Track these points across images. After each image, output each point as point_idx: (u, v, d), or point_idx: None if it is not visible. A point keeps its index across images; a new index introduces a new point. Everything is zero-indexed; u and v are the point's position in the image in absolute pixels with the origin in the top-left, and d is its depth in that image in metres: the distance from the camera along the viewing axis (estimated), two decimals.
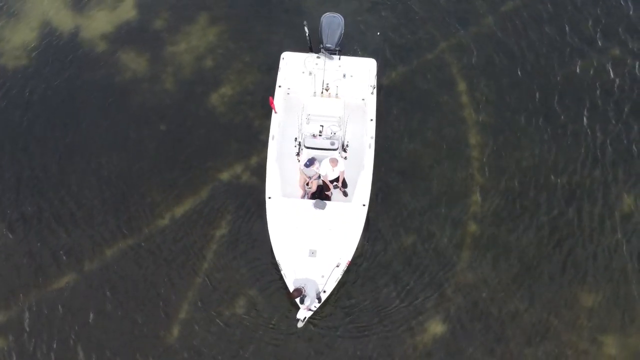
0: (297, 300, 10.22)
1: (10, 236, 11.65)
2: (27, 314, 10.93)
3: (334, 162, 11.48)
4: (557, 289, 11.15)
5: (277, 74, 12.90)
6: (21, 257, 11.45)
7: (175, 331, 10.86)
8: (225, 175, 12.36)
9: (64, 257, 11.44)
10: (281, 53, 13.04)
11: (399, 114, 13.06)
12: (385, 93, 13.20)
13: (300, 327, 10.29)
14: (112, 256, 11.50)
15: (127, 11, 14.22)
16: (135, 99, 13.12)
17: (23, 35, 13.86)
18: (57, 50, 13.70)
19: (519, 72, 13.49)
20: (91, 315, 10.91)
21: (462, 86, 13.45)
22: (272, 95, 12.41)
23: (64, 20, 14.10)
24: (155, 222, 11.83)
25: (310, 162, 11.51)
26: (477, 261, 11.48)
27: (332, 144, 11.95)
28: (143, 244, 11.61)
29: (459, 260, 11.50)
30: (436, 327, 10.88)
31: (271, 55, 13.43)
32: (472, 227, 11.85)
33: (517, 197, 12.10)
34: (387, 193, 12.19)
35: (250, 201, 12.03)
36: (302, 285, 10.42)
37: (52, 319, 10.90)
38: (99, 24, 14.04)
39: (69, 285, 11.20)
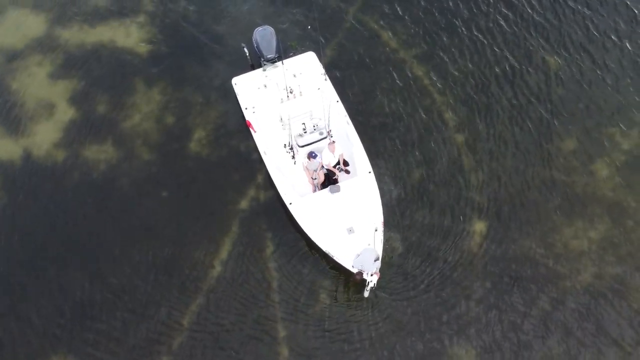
0: (360, 277, 11.32)
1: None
2: None
3: (332, 147, 12.69)
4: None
5: (237, 99, 13.82)
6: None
7: (284, 350, 11.75)
8: (244, 204, 13.16)
9: (154, 345, 11.81)
10: (228, 80, 13.96)
11: (352, 81, 14.49)
12: (332, 70, 14.51)
13: (367, 296, 11.57)
14: (190, 322, 11.96)
15: (65, 112, 14.28)
16: (123, 183, 13.41)
17: None
18: (18, 178, 13.53)
19: None
20: None
21: (385, 36, 15.13)
22: (244, 118, 13.37)
23: (8, 148, 13.90)
24: (210, 275, 12.40)
25: (313, 155, 12.69)
26: (478, 162, 13.39)
27: (321, 133, 13.12)
28: (211, 296, 12.18)
29: (463, 169, 13.37)
30: (478, 226, 12.72)
31: (221, 86, 14.31)
32: (459, 138, 13.72)
33: (473, 98, 14.15)
34: (380, 145, 13.68)
35: (279, 212, 12.95)
36: (360, 265, 11.42)
37: None
38: (44, 136, 14.00)
39: None
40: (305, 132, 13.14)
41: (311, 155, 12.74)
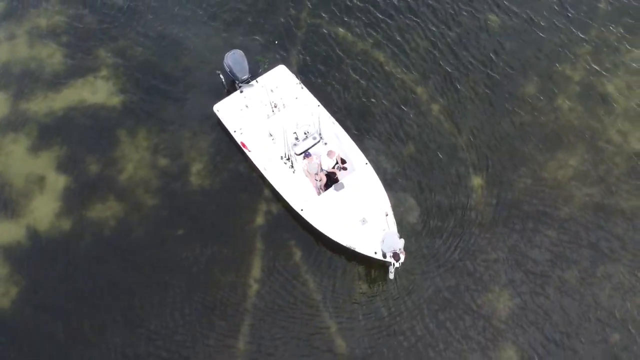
0: (397, 258, 12.08)
1: None
2: None
3: (331, 154, 13.43)
4: None
5: (222, 125, 14.28)
6: None
7: (340, 342, 12.39)
8: (259, 220, 13.66)
9: None
10: (208, 110, 14.41)
11: (324, 81, 15.26)
12: (304, 75, 15.22)
13: (393, 278, 12.48)
14: (246, 342, 12.38)
15: (56, 181, 14.13)
16: (138, 233, 13.53)
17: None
18: (31, 258, 13.32)
19: None
20: None
21: (341, 31, 16.00)
22: (234, 141, 13.94)
23: (11, 232, 13.61)
24: (249, 294, 12.82)
25: (308, 155, 13.39)
26: (457, 124, 14.55)
27: (314, 138, 13.78)
28: (257, 313, 12.60)
29: (446, 134, 14.51)
30: (476, 180, 13.88)
31: (202, 116, 14.71)
32: (435, 107, 14.84)
33: (436, 70, 15.34)
34: (367, 133, 14.58)
35: (293, 219, 13.54)
36: (390, 249, 12.18)
37: None
38: (43, 210, 13.83)
39: None
40: (298, 141, 13.76)
41: (306, 155, 13.42)
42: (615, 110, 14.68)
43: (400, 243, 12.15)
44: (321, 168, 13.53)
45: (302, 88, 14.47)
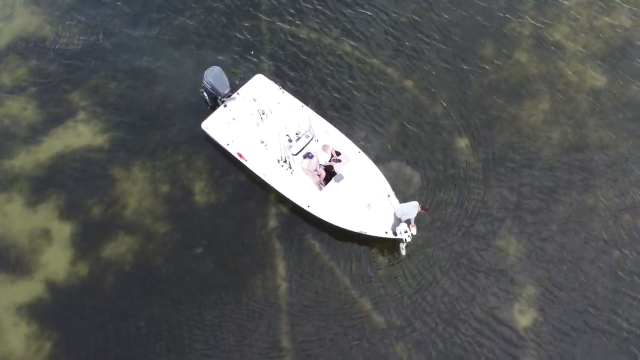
0: (424, 209, 12.97)
1: None
2: None
3: (326, 148, 14.03)
4: None
5: (213, 141, 14.64)
6: None
7: (377, 317, 13.09)
8: (272, 223, 14.12)
9: None
10: (195, 129, 14.78)
11: (300, 81, 15.87)
12: (280, 80, 15.77)
13: (404, 254, 13.39)
14: (290, 339, 12.80)
15: (62, 230, 14.01)
16: (157, 262, 13.67)
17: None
18: (56, 311, 13.19)
19: None
20: None
21: (304, 32, 16.67)
22: (229, 154, 14.41)
23: (29, 290, 13.40)
24: (281, 293, 13.25)
25: (310, 156, 13.99)
26: (431, 94, 15.55)
27: (307, 136, 14.33)
28: (293, 309, 13.08)
29: (425, 105, 15.46)
30: (462, 143, 14.88)
31: (191, 136, 15.07)
32: (408, 83, 15.78)
33: (400, 51, 16.29)
34: (351, 121, 15.33)
35: (304, 215, 14.06)
36: (408, 214, 12.98)
37: None
38: (56, 261, 13.66)
39: None
40: (292, 142, 14.26)
41: (308, 156, 14.03)
42: (566, 54, 16.08)
43: (416, 207, 12.90)
44: (319, 164, 14.13)
45: (283, 92, 15.00)
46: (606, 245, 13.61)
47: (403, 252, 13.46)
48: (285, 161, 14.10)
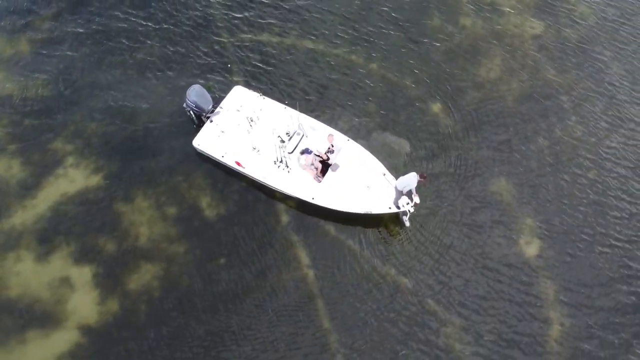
0: (423, 179, 13.82)
1: None
2: None
3: (330, 139, 14.82)
4: None
5: (207, 156, 15.16)
6: None
7: (404, 280, 14.04)
8: (284, 219, 14.80)
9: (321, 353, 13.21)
10: (187, 148, 15.28)
11: (275, 85, 16.63)
12: (257, 87, 16.48)
13: (408, 226, 14.48)
14: (330, 319, 13.53)
15: (81, 274, 14.01)
16: (186, 281, 13.99)
17: None
18: (97, 350, 13.24)
19: None
20: None
21: (265, 37, 17.45)
22: (225, 166, 15.06)
23: (65, 338, 13.30)
24: (309, 280, 13.95)
25: (307, 151, 14.80)
26: (397, 71, 16.76)
27: (299, 134, 15.06)
28: (324, 291, 13.80)
29: (392, 81, 16.63)
30: (436, 109, 16.19)
31: (185, 156, 15.51)
32: (373, 66, 16.89)
33: (359, 38, 17.41)
34: (332, 112, 16.32)
35: (312, 208, 14.83)
36: (409, 184, 13.86)
37: None
38: (83, 305, 13.65)
39: None
40: (284, 142, 14.87)
41: (306, 152, 14.80)
42: (504, 11, 17.79)
43: (414, 176, 13.95)
44: (315, 157, 14.88)
45: (264, 98, 15.68)
46: (580, 170, 15.29)
47: (407, 223, 14.49)
48: (281, 161, 14.79)
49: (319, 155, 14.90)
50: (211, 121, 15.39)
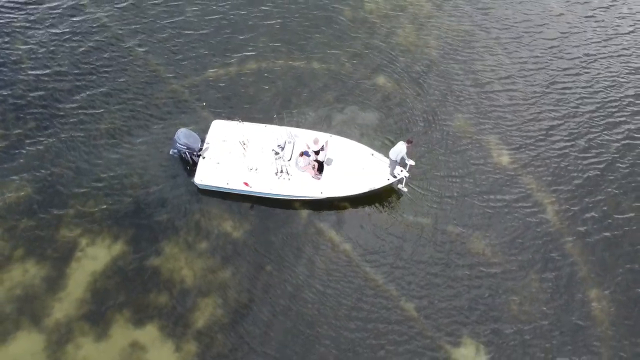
0: (410, 142, 15.80)
1: None
2: None
3: (316, 141, 16.41)
4: None
5: (214, 187, 16.27)
6: None
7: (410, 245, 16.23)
8: (304, 215, 16.34)
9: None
10: (189, 189, 16.34)
11: (245, 106, 18.09)
12: (233, 114, 17.78)
13: (406, 191, 16.53)
14: (398, 290, 15.38)
15: (149, 335, 14.36)
16: (244, 298, 14.90)
17: None
18: None
19: None
20: None
21: (213, 74, 18.81)
22: (232, 192, 16.31)
23: None
24: (354, 260, 15.68)
25: (306, 154, 16.42)
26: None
27: (289, 142, 16.55)
28: (365, 256, 15.63)
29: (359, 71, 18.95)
30: (380, 82, 18.68)
31: (191, 196, 16.46)
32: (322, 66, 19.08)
33: (300, 36, 19.49)
34: (311, 113, 18.12)
35: (326, 204, 16.38)
36: (402, 154, 15.89)
37: None
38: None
39: None
40: (279, 153, 16.04)
41: (305, 154, 16.40)
42: None
43: (403, 145, 16.03)
44: (311, 158, 16.51)
45: (243, 124, 16.99)
46: (510, 75, 18.74)
47: (405, 189, 16.52)
48: (282, 171, 16.24)
49: (315, 159, 16.59)
50: (204, 157, 16.43)
